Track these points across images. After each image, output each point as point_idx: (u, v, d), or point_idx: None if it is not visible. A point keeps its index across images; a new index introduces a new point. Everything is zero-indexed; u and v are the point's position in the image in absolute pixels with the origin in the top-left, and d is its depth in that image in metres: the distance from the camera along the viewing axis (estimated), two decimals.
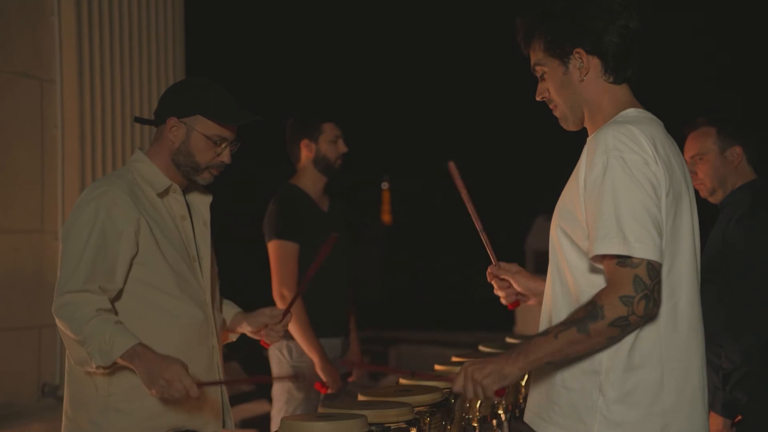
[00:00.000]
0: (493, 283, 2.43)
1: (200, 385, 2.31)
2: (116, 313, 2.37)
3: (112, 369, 2.33)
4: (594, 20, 2.02)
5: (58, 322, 2.36)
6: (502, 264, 2.42)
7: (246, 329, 2.70)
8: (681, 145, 2.95)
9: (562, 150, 2.25)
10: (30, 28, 4.52)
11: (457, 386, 2.01)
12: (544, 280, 2.17)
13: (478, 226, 2.37)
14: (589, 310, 1.89)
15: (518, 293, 2.41)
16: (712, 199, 3.12)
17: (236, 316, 2.72)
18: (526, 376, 2.94)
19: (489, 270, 2.41)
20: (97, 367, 2.31)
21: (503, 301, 2.37)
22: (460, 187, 2.30)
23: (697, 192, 2.97)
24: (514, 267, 2.41)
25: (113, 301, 2.38)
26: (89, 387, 2.41)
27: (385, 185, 17.93)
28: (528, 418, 2.11)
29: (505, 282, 2.42)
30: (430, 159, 16.89)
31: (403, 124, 15.95)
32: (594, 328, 1.88)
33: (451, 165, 2.29)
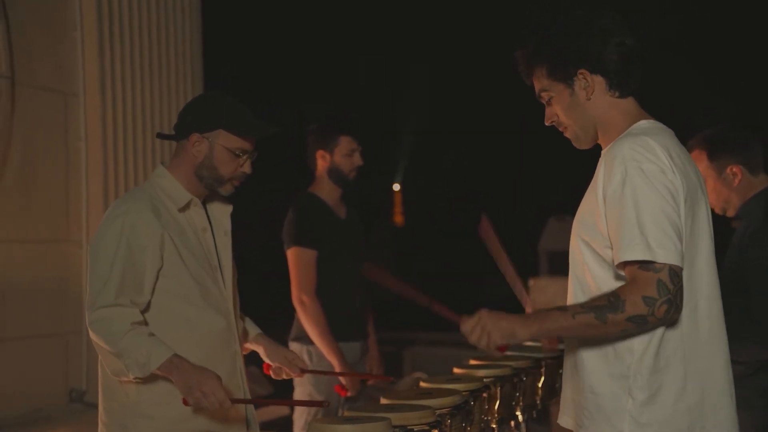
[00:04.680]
0: None
1: (233, 401, 2.42)
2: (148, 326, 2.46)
3: (144, 378, 2.43)
4: (592, 40, 2.10)
5: (92, 335, 2.44)
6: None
7: (260, 352, 2.80)
8: None
9: (574, 151, 2.32)
10: (53, 43, 4.61)
11: (466, 326, 2.08)
12: None
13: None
14: (611, 301, 1.96)
15: None
16: (728, 215, 3.05)
17: (256, 338, 2.80)
18: (540, 381, 3.03)
19: None
20: (134, 378, 2.42)
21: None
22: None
23: None
24: None
25: (142, 312, 2.48)
26: (120, 394, 2.51)
27: (396, 187, 17.98)
28: (563, 420, 2.18)
29: None
30: (441, 160, 16.94)
31: (414, 125, 16.00)
32: (612, 318, 1.95)
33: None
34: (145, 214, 2.48)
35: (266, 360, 2.81)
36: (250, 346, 2.81)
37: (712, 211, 2.23)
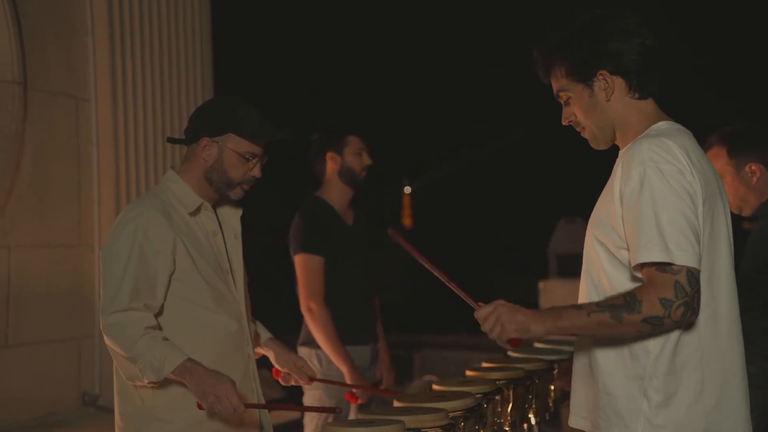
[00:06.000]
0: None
1: (247, 406, 2.43)
2: (162, 330, 2.47)
3: (158, 383, 2.44)
4: (613, 41, 2.07)
5: (107, 340, 2.45)
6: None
7: (271, 357, 2.79)
8: None
9: (585, 153, 2.31)
10: (65, 49, 4.65)
11: (480, 314, 2.05)
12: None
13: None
14: (628, 301, 1.94)
15: None
16: (743, 214, 3.02)
17: (267, 342, 2.80)
18: (553, 384, 3.03)
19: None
20: (149, 382, 2.43)
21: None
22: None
23: None
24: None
25: (156, 316, 2.49)
26: (135, 399, 2.52)
27: (407, 189, 17.99)
28: (574, 422, 2.17)
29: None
30: (450, 161, 16.94)
31: (424, 127, 16.01)
32: (628, 318, 1.93)
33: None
34: (157, 218, 2.48)
35: (276, 365, 2.82)
36: (261, 350, 2.81)
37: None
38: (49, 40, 4.56)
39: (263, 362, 2.87)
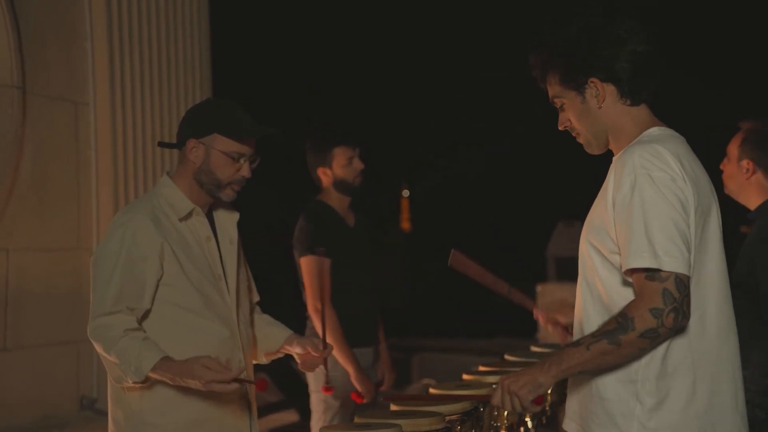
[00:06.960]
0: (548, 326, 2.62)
1: (236, 380, 2.38)
2: (145, 332, 2.48)
3: (146, 384, 2.45)
4: (603, 49, 2.09)
5: (94, 344, 2.48)
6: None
7: (296, 350, 2.78)
8: (711, 152, 3.01)
9: (583, 156, 2.32)
10: (64, 53, 4.65)
11: (496, 400, 2.10)
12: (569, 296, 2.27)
13: (504, 290, 2.49)
14: (620, 322, 1.96)
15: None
16: (731, 196, 3.10)
17: (289, 338, 2.78)
18: (549, 391, 3.05)
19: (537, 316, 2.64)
20: (134, 383, 2.44)
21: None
22: (472, 271, 2.43)
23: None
24: (555, 305, 2.58)
25: (143, 321, 2.50)
26: (125, 403, 2.53)
27: (406, 193, 18.00)
28: (568, 426, 2.18)
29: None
30: (449, 164, 16.94)
31: (422, 130, 16.01)
32: (625, 339, 1.96)
33: (454, 254, 2.46)
34: (145, 224, 2.49)
35: (297, 359, 2.78)
36: (282, 350, 2.79)
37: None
38: (48, 44, 4.57)
39: (259, 367, 2.86)
